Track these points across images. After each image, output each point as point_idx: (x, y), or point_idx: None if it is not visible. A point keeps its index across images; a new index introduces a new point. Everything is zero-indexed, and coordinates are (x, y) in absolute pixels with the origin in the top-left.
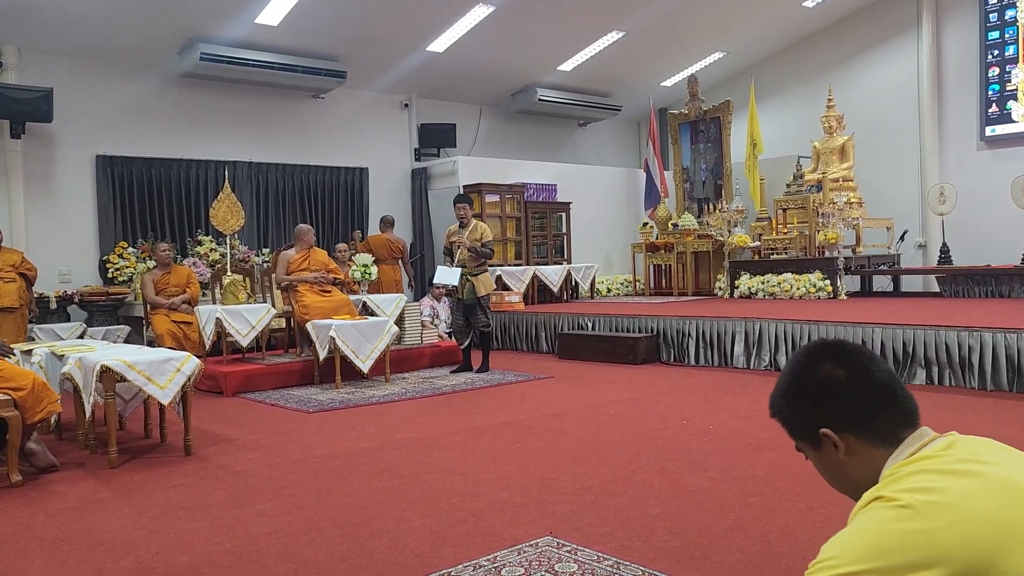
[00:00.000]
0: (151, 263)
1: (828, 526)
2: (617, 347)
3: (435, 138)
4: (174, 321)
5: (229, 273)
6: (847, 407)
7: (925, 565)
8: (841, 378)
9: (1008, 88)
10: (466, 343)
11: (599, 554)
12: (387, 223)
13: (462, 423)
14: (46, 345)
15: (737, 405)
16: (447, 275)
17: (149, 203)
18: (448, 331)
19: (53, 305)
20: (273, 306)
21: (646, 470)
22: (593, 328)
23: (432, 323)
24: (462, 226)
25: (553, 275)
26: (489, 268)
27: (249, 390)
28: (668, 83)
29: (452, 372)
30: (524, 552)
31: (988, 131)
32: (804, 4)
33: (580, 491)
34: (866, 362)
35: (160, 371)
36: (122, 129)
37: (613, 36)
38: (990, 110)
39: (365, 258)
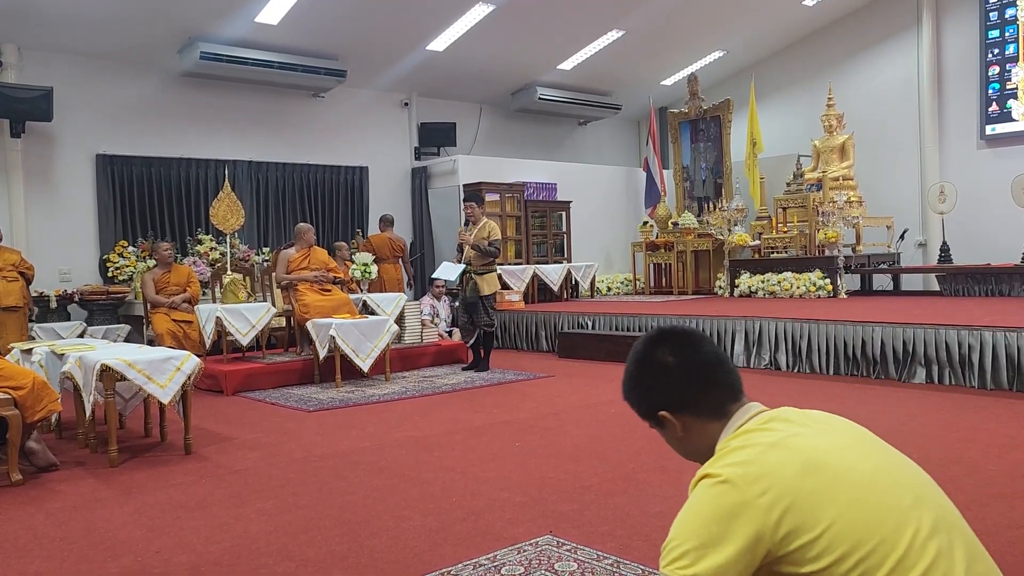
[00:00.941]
0: (151, 262)
1: None
2: (617, 346)
3: (435, 137)
4: (174, 320)
5: (229, 272)
6: (678, 390)
7: (747, 532)
8: (671, 364)
9: (1008, 87)
10: (472, 340)
11: (599, 553)
12: (387, 222)
13: (462, 422)
14: (46, 344)
15: None
16: (447, 271)
17: (149, 202)
18: (448, 330)
19: (53, 304)
20: (273, 305)
21: (646, 469)
22: (593, 327)
23: (432, 322)
24: (469, 224)
25: (553, 274)
26: (496, 267)
27: (249, 389)
28: (668, 82)
29: (464, 369)
30: (524, 551)
31: (988, 130)
32: (804, 3)
33: (580, 490)
34: (694, 345)
35: (160, 370)
36: (122, 128)
37: (613, 35)
38: (990, 109)
39: (365, 257)
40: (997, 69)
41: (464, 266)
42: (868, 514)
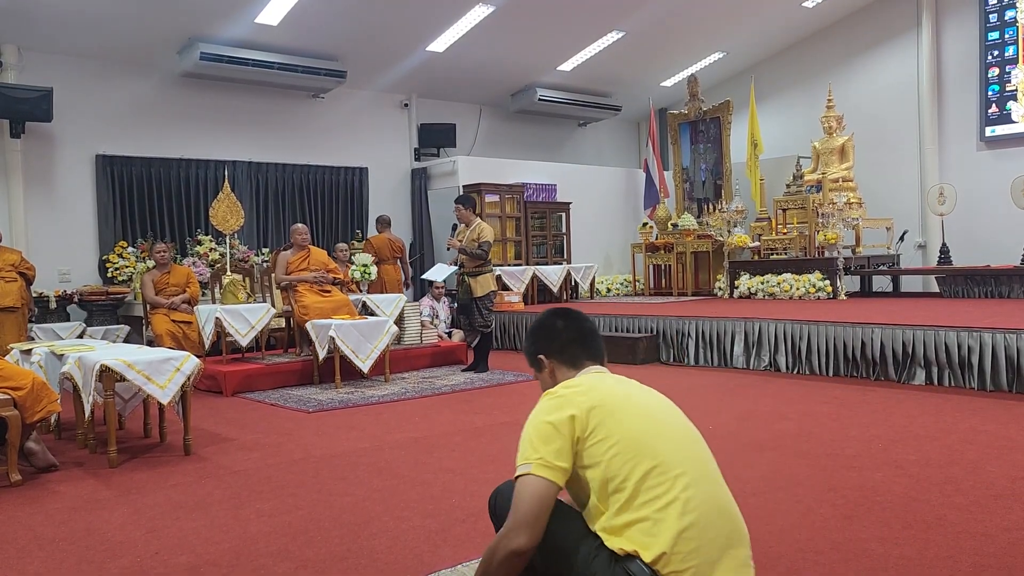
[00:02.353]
0: (151, 263)
1: (828, 526)
2: (617, 347)
3: (435, 138)
4: (174, 321)
5: (229, 273)
6: (557, 342)
7: (567, 413)
8: (559, 326)
9: (1008, 88)
10: (475, 342)
11: None
12: (384, 223)
13: (462, 423)
14: (45, 344)
15: (736, 405)
16: (437, 272)
17: (149, 203)
18: (447, 331)
19: (53, 304)
20: (273, 306)
21: None
22: None
23: (432, 323)
24: (459, 226)
25: (553, 275)
26: (493, 269)
27: (248, 390)
28: (668, 83)
29: (463, 371)
30: None
31: (988, 131)
32: (804, 4)
33: None
34: (578, 319)
35: (159, 371)
36: (122, 128)
37: (613, 36)
38: (990, 110)
39: (365, 258)
40: (997, 71)
41: (454, 268)
42: (649, 440)
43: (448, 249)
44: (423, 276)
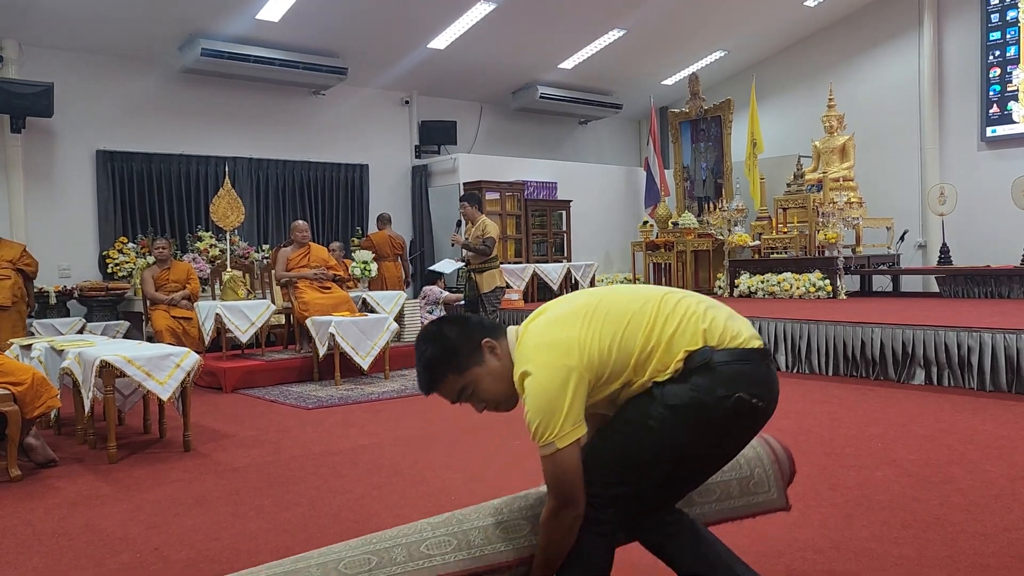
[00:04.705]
0: (151, 259)
1: (827, 525)
2: None
3: (436, 135)
4: (173, 317)
5: (229, 269)
6: (476, 334)
7: (573, 382)
8: (457, 322)
9: (1009, 89)
10: None
11: None
12: (384, 220)
13: (461, 420)
14: (45, 340)
15: None
16: (444, 265)
17: (149, 198)
18: None
19: (52, 300)
20: (273, 302)
21: None
22: None
23: (430, 312)
24: (464, 224)
25: (553, 273)
26: (499, 265)
27: (248, 386)
28: (669, 81)
29: None
30: None
31: (989, 132)
32: (805, 3)
33: None
34: (457, 321)
35: (159, 367)
36: (123, 124)
37: (614, 34)
38: (991, 111)
39: (365, 255)
40: (998, 71)
41: (460, 264)
42: (628, 305)
43: (452, 245)
44: (430, 267)
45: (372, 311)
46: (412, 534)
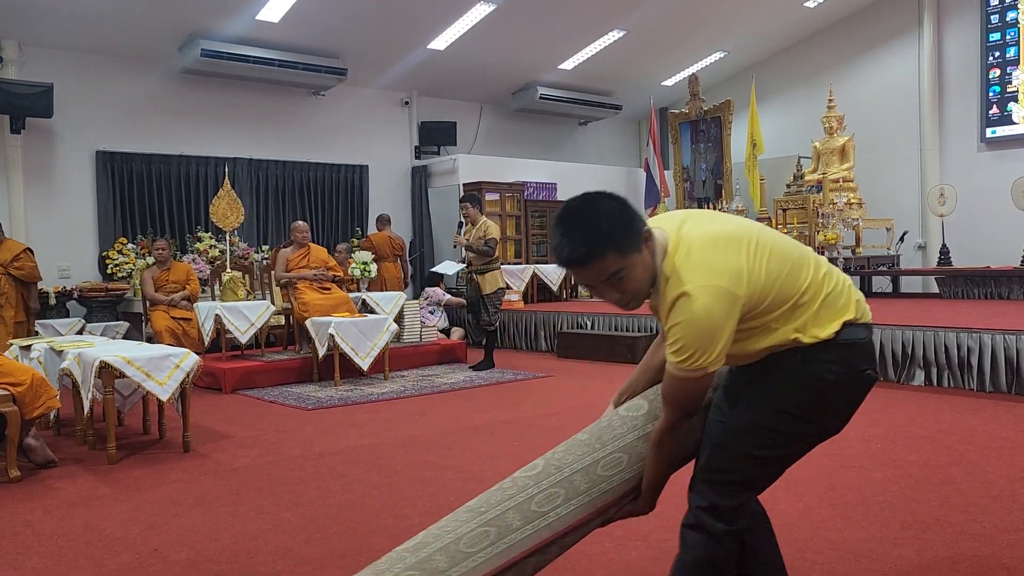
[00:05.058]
0: (150, 259)
1: (827, 526)
2: (616, 346)
3: (435, 136)
4: (173, 317)
5: (228, 270)
6: (638, 216)
7: (736, 310)
8: (619, 199)
9: (1009, 90)
10: (484, 340)
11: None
12: (384, 221)
13: (461, 421)
14: (45, 341)
15: None
16: (446, 266)
17: (149, 199)
18: (444, 328)
19: (52, 301)
20: (272, 303)
21: None
22: (592, 327)
23: (432, 313)
24: (466, 225)
25: (553, 274)
26: (500, 266)
27: (248, 387)
28: (669, 82)
29: (471, 368)
30: None
31: (988, 132)
32: (805, 4)
33: None
34: (608, 196)
35: (159, 367)
36: (122, 125)
37: (614, 35)
38: (991, 112)
39: (365, 256)
40: (998, 72)
41: (462, 266)
42: (790, 251)
43: (455, 247)
44: (432, 269)
45: (372, 312)
46: (517, 493)
